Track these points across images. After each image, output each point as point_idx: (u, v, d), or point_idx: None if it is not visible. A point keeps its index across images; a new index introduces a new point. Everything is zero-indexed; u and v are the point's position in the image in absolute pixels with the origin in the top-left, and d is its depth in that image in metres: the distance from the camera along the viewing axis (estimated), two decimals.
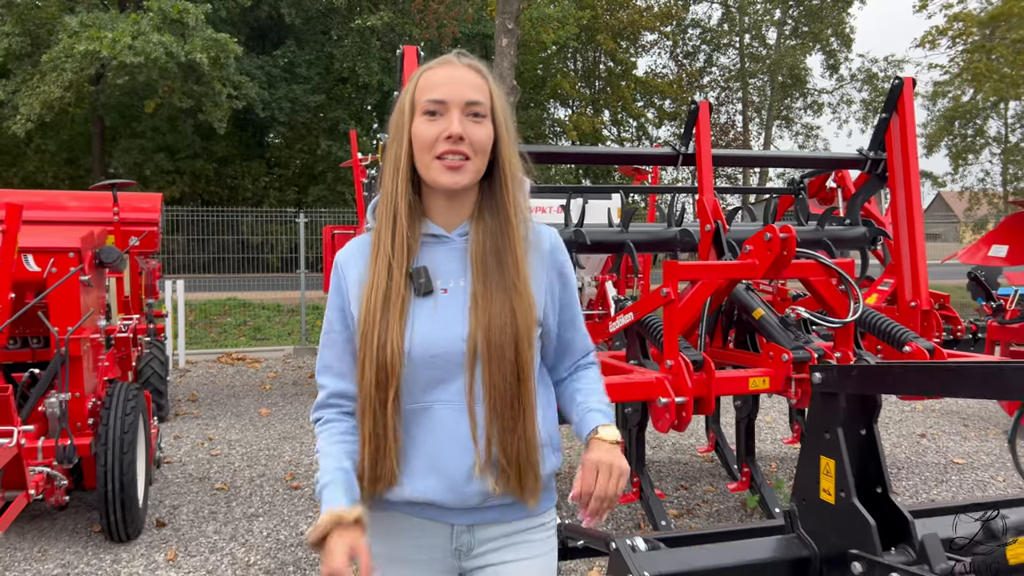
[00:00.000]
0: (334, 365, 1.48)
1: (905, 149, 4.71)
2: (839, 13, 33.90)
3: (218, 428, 6.44)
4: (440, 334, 1.39)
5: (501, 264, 1.42)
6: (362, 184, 6.41)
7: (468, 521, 1.46)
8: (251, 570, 3.73)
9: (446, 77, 1.41)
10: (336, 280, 1.48)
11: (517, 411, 1.40)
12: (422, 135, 1.38)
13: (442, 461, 1.41)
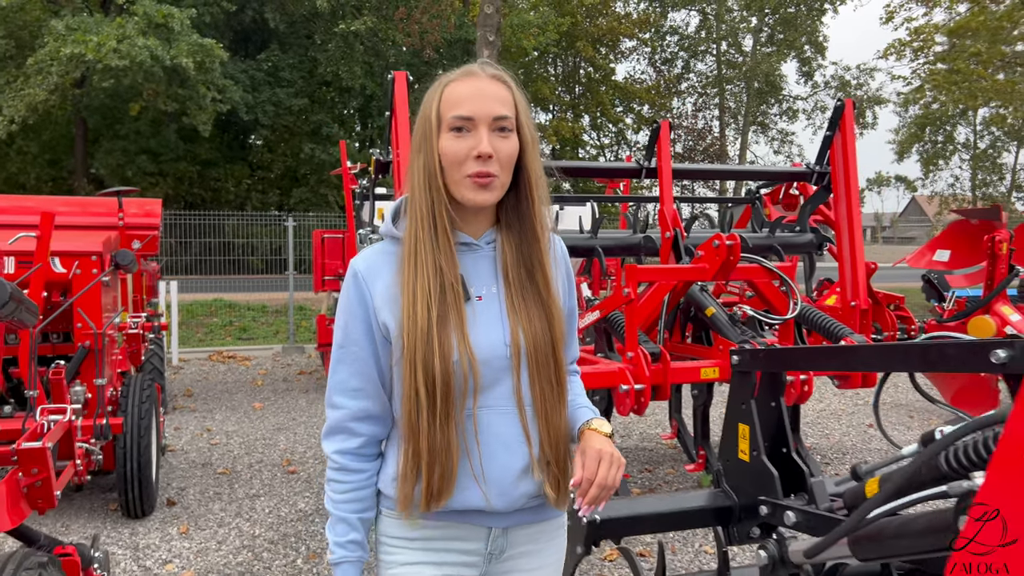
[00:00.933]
0: (351, 383, 1.44)
1: (846, 164, 5.22)
2: (813, 22, 34.73)
3: (215, 420, 6.84)
4: (483, 340, 1.40)
5: (532, 274, 1.45)
6: (352, 192, 6.83)
7: (506, 524, 1.47)
8: (256, 540, 4.16)
9: (472, 91, 1.38)
10: (357, 292, 1.43)
11: (560, 413, 1.45)
12: (451, 153, 1.37)
13: (490, 467, 1.41)
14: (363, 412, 1.44)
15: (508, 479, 1.41)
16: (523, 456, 1.42)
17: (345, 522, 1.44)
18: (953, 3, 19.19)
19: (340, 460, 1.45)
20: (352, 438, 1.45)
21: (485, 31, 12.26)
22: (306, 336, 12.01)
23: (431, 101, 1.42)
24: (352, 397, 1.44)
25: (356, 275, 1.44)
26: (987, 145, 36.71)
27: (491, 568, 1.51)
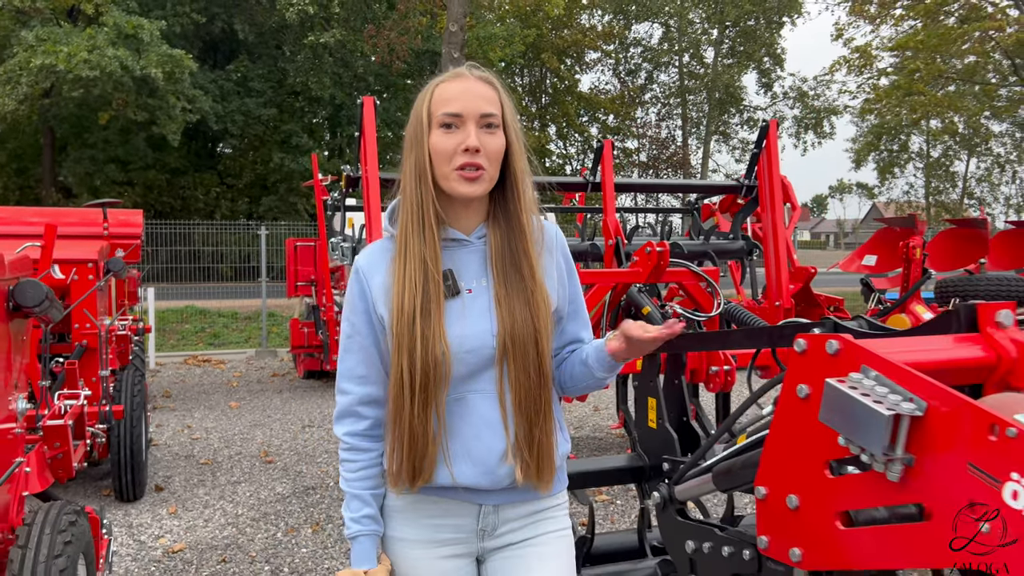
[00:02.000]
0: (357, 370, 1.54)
1: (771, 178, 5.81)
2: (771, 35, 35.81)
3: (194, 418, 7.25)
4: (471, 331, 1.48)
5: (518, 267, 1.52)
6: (323, 203, 7.29)
7: (495, 501, 1.55)
8: (239, 519, 4.62)
9: (460, 91, 1.47)
10: (359, 286, 1.54)
11: (540, 406, 1.51)
12: (440, 148, 1.45)
13: (477, 447, 1.49)
14: (368, 397, 1.54)
15: (493, 459, 1.49)
16: (503, 439, 1.50)
17: (359, 498, 1.53)
18: (898, 21, 20.15)
19: (351, 441, 1.55)
20: (360, 421, 1.55)
21: (450, 48, 12.77)
22: (278, 341, 12.40)
23: (422, 101, 1.51)
24: (359, 383, 1.54)
25: (358, 271, 1.55)
26: (940, 154, 38.12)
27: (486, 544, 1.58)
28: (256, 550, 4.15)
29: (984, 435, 1.32)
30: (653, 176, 33.86)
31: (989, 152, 36.67)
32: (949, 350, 1.77)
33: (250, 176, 26.99)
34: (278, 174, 25.77)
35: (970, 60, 20.07)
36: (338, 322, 7.94)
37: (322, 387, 8.87)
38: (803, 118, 37.00)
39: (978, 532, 1.33)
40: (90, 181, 24.09)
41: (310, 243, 9.22)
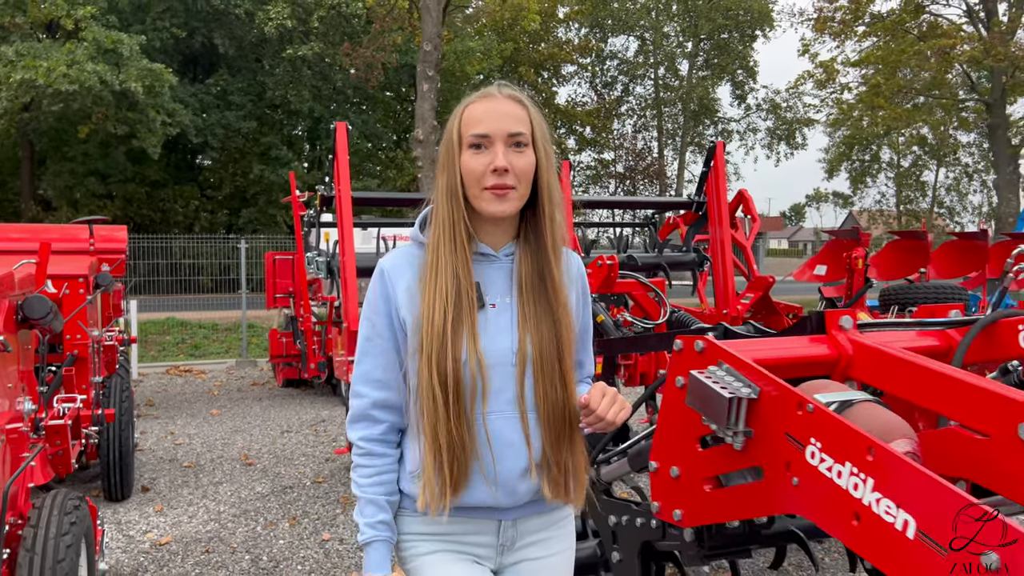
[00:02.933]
0: (374, 373, 1.55)
1: (718, 195, 6.25)
2: (745, 48, 36.57)
3: (177, 425, 7.57)
4: (492, 346, 1.49)
5: (544, 286, 1.53)
6: (300, 218, 7.63)
7: (515, 516, 1.58)
8: (222, 515, 4.95)
9: (488, 111, 1.49)
10: (383, 288, 1.54)
11: (566, 419, 1.53)
12: (470, 168, 1.49)
13: (499, 469, 1.50)
14: (383, 401, 1.55)
15: (514, 479, 1.52)
16: (525, 458, 1.52)
17: (373, 503, 1.54)
18: (862, 38, 20.84)
19: (365, 446, 1.56)
20: (375, 425, 1.56)
21: (425, 66, 13.16)
22: (257, 352, 12.69)
23: (453, 123, 1.54)
24: (375, 387, 1.55)
25: (383, 273, 1.56)
26: (910, 164, 39.01)
27: (504, 559, 1.61)
28: (237, 542, 4.49)
29: (794, 411, 1.73)
30: (630, 186, 34.46)
31: (957, 162, 37.54)
32: (800, 348, 2.18)
33: (230, 188, 27.21)
34: (258, 186, 26.03)
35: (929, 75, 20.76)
36: (316, 332, 8.30)
37: (300, 395, 9.19)
38: (776, 129, 37.78)
39: (791, 484, 1.74)
40: (70, 194, 24.24)
41: (288, 256, 9.56)
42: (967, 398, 1.78)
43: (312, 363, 8.45)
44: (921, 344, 2.32)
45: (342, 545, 4.45)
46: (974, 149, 36.16)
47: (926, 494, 1.40)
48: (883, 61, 18.58)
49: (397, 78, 27.73)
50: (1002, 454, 1.68)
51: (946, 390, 1.84)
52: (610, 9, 35.07)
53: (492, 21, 27.79)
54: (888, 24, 19.08)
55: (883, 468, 1.52)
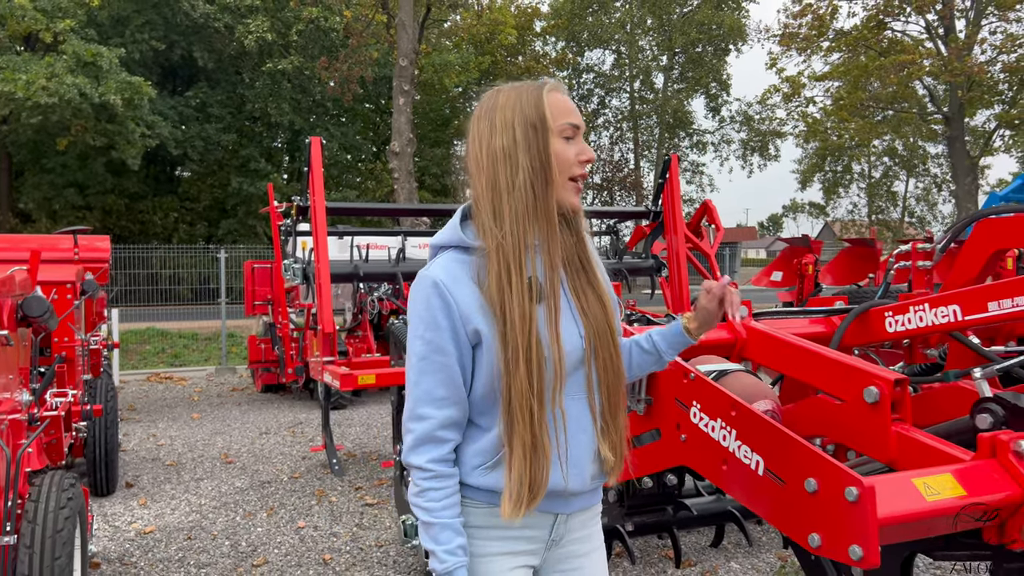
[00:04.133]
0: (437, 392, 1.46)
1: (674, 205, 6.64)
2: (718, 61, 37.26)
3: (158, 428, 7.83)
4: (565, 334, 1.48)
5: (585, 270, 1.56)
6: (278, 228, 7.93)
7: (571, 509, 1.57)
8: (203, 508, 5.25)
9: (570, 104, 1.52)
10: (441, 301, 1.45)
11: (619, 401, 1.56)
12: (565, 156, 1.48)
13: (573, 448, 1.50)
14: (449, 420, 1.47)
15: (585, 461, 1.52)
16: (593, 437, 1.53)
17: (450, 528, 1.46)
18: (827, 53, 21.49)
19: (435, 468, 1.47)
20: (441, 446, 1.48)
21: (400, 81, 13.52)
22: (237, 360, 12.92)
23: (532, 106, 1.48)
24: (439, 407, 1.46)
25: (438, 285, 1.46)
26: (881, 175, 39.82)
27: (549, 555, 1.59)
28: (218, 530, 4.79)
29: (681, 379, 2.10)
30: (608, 197, 34.97)
31: (926, 172, 38.35)
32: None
33: (208, 200, 27.39)
34: (237, 198, 26.23)
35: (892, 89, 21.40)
36: (293, 338, 8.60)
37: (278, 399, 9.47)
38: (749, 141, 38.46)
39: (680, 440, 2.11)
40: (49, 206, 24.33)
41: (267, 265, 9.86)
42: (829, 371, 2.16)
43: (290, 368, 8.74)
44: (811, 330, 2.70)
45: (316, 532, 4.75)
46: (942, 160, 37.02)
47: (770, 440, 1.76)
48: (846, 75, 19.21)
49: (376, 91, 28.09)
50: (853, 415, 2.06)
51: (814, 365, 2.22)
52: (586, 23, 35.68)
53: (469, 35, 28.23)
54: (851, 39, 19.73)
55: (742, 421, 1.89)
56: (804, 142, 33.33)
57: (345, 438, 7.34)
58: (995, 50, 20.24)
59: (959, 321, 2.22)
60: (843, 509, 1.54)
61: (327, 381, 5.51)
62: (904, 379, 1.95)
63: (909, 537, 1.74)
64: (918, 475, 1.68)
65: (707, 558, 4.23)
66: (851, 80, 19.74)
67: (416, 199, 15.67)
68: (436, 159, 31.38)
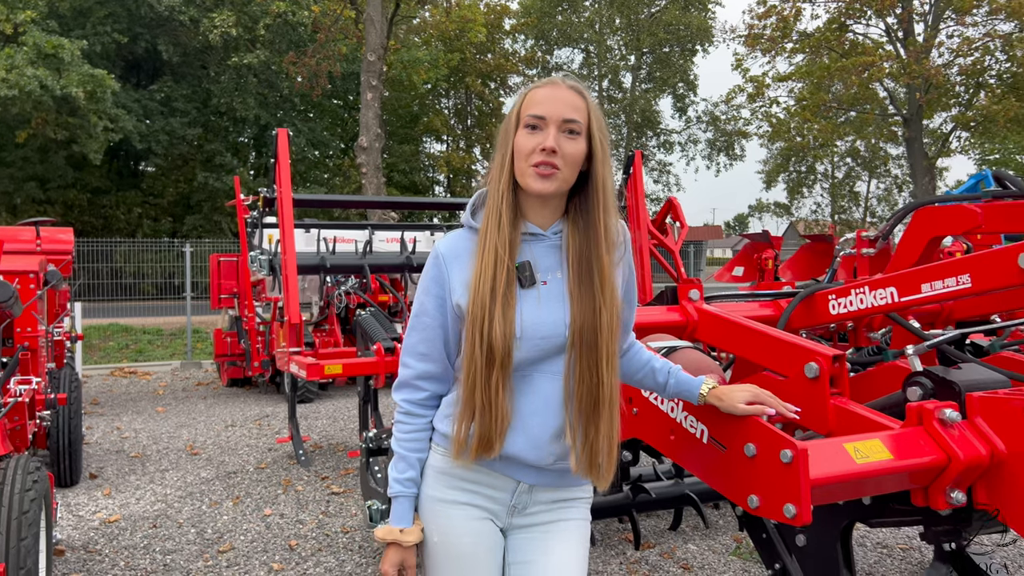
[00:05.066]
0: (419, 347, 1.65)
1: (637, 200, 6.78)
2: (685, 62, 37.67)
3: (123, 421, 7.78)
4: (546, 319, 1.57)
5: (591, 270, 1.59)
6: (244, 221, 7.93)
7: (533, 480, 1.66)
8: (168, 497, 5.26)
9: (548, 96, 1.58)
10: (436, 271, 1.64)
11: (600, 404, 1.59)
12: (521, 146, 1.57)
13: (532, 421, 1.59)
14: (426, 373, 1.66)
15: (545, 436, 1.60)
16: (562, 419, 1.60)
17: (405, 460, 1.67)
18: (791, 54, 21.88)
19: (406, 407, 1.69)
20: (416, 391, 1.68)
21: (369, 76, 13.52)
22: (203, 356, 12.84)
23: (515, 105, 1.64)
24: (418, 360, 1.66)
25: (438, 256, 1.65)
26: (843, 175, 40.53)
27: (513, 521, 1.70)
28: (183, 518, 4.81)
29: None
30: None
31: (887, 173, 39.12)
32: (659, 315, 2.66)
33: (173, 195, 27.06)
34: (202, 193, 25.95)
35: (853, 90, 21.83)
36: (259, 331, 8.59)
37: (244, 393, 9.45)
38: (715, 141, 38.93)
39: (633, 415, 2.21)
40: (8, 199, 23.87)
41: (233, 258, 9.83)
42: (773, 349, 2.27)
43: (256, 361, 8.73)
44: (761, 313, 2.82)
45: (282, 519, 4.80)
46: (902, 161, 37.75)
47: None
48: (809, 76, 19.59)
49: (344, 86, 27.94)
50: (795, 390, 2.17)
51: (760, 344, 2.33)
52: (555, 22, 35.84)
53: (438, 32, 28.20)
54: (814, 41, 20.12)
55: None
56: (769, 142, 33.86)
57: (312, 430, 7.37)
58: (952, 53, 20.78)
59: (895, 303, 2.35)
60: (778, 471, 1.65)
61: (293, 372, 5.54)
62: (842, 355, 2.07)
63: (840, 498, 1.86)
64: (849, 440, 1.79)
65: (665, 540, 4.35)
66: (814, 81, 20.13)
67: (384, 195, 15.68)
68: (405, 156, 31.31)
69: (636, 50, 37.10)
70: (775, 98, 23.53)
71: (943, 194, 8.55)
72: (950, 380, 1.96)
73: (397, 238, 7.90)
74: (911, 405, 1.88)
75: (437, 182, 35.48)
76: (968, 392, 1.90)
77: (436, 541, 1.67)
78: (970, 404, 1.87)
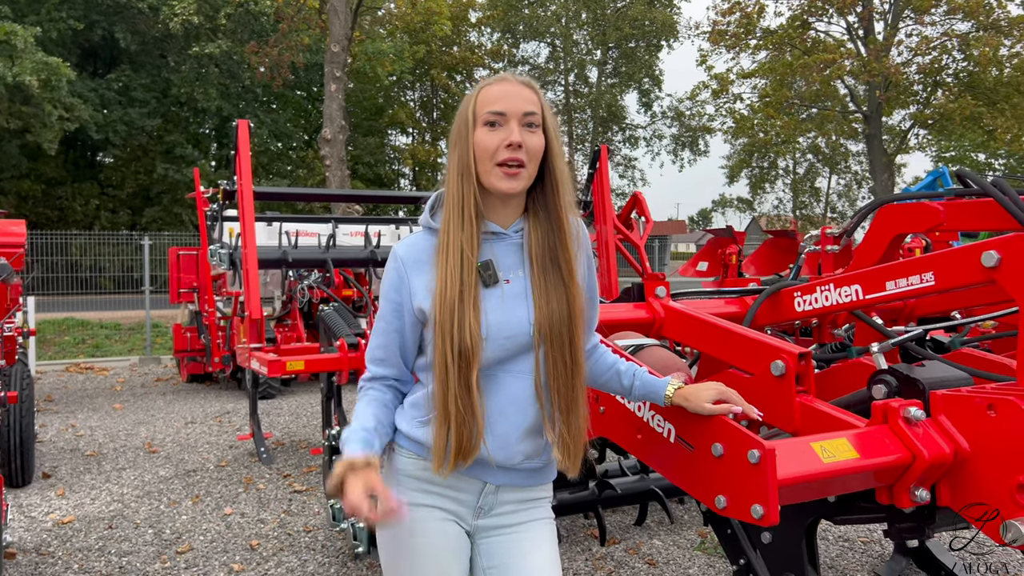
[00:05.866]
0: (376, 352, 1.67)
1: (604, 195, 6.76)
2: (650, 57, 37.85)
3: (78, 419, 7.59)
4: (510, 318, 1.56)
5: (555, 262, 1.59)
6: (204, 214, 7.77)
7: (499, 481, 1.64)
8: (125, 497, 5.13)
9: (504, 92, 1.56)
10: (396, 276, 1.62)
11: (574, 392, 1.60)
12: (484, 143, 1.54)
13: (499, 420, 1.58)
14: (383, 375, 1.67)
15: (513, 435, 1.59)
16: (532, 416, 1.60)
17: (358, 418, 1.62)
18: (755, 51, 22.10)
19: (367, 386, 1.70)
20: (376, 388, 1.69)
21: (333, 67, 13.34)
22: (162, 351, 12.60)
23: (468, 103, 1.59)
24: (377, 364, 1.67)
25: (396, 260, 1.63)
26: (804, 171, 41.14)
27: (479, 523, 1.68)
28: (140, 519, 4.70)
29: None
30: None
31: (848, 170, 39.78)
32: (625, 312, 2.64)
33: (132, 187, 26.50)
34: (162, 185, 25.47)
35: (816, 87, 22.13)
36: (220, 326, 8.44)
37: (205, 389, 9.29)
38: (680, 136, 39.20)
39: (599, 413, 2.18)
40: None
41: (192, 252, 9.64)
42: (740, 346, 2.26)
43: (216, 357, 8.58)
44: (726, 310, 2.81)
45: (243, 518, 4.71)
46: (862, 157, 38.41)
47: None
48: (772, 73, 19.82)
49: (308, 77, 27.58)
50: (761, 388, 2.16)
51: (726, 342, 2.32)
52: (521, 15, 35.74)
53: (404, 24, 27.95)
54: (777, 38, 20.34)
55: None
56: (732, 138, 34.20)
57: (274, 427, 7.27)
58: (911, 52, 21.14)
59: (860, 300, 2.35)
60: (746, 471, 1.64)
61: (254, 368, 5.44)
62: (808, 352, 2.06)
63: (806, 497, 1.85)
64: (816, 439, 1.78)
65: (631, 536, 4.35)
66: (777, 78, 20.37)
67: (349, 187, 15.50)
68: (369, 148, 31.02)
69: (602, 45, 37.18)
70: (739, 94, 23.80)
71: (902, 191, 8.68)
72: (914, 378, 1.97)
73: (361, 231, 7.78)
74: (876, 403, 1.88)
75: (402, 175, 35.24)
76: (932, 390, 1.91)
77: (403, 543, 1.64)
78: (934, 402, 1.88)
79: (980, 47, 18.72)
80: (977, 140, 32.73)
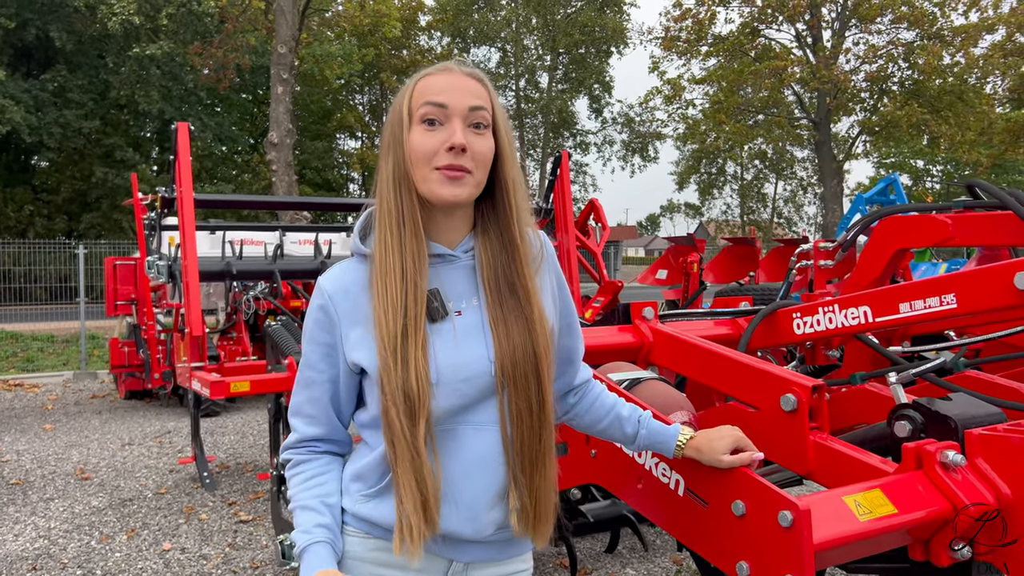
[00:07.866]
0: (305, 409, 1.37)
1: (564, 201, 6.55)
2: (601, 63, 38.02)
3: (3, 442, 7.06)
4: (466, 358, 1.28)
5: (512, 286, 1.32)
6: (143, 222, 7.32)
7: (469, 558, 1.36)
8: (52, 532, 4.70)
9: (446, 83, 1.29)
10: (322, 315, 1.34)
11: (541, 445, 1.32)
12: (420, 146, 1.27)
13: (464, 487, 1.29)
14: (315, 437, 1.38)
15: (482, 502, 1.30)
16: (501, 478, 1.31)
17: (308, 509, 1.34)
18: (705, 57, 22.23)
19: (295, 457, 1.40)
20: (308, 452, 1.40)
21: (279, 69, 12.91)
22: (99, 364, 11.98)
23: (402, 97, 1.32)
24: (306, 423, 1.38)
25: (323, 294, 1.34)
26: (752, 177, 41.82)
27: None
28: (68, 558, 4.28)
29: None
30: None
31: (794, 176, 40.54)
32: (609, 337, 2.38)
33: (69, 192, 25.49)
34: (100, 189, 24.55)
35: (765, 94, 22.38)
36: (160, 340, 7.99)
37: (144, 407, 8.79)
38: (630, 142, 39.44)
39: (590, 456, 1.92)
40: None
41: (130, 261, 9.14)
42: (741, 377, 2.02)
43: (156, 373, 8.11)
44: (717, 332, 2.58)
45: (183, 554, 4.33)
46: (808, 164, 39.16)
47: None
48: (723, 79, 19.95)
49: (253, 80, 26.91)
50: (769, 424, 1.92)
51: (725, 370, 2.08)
52: (471, 20, 35.53)
53: (352, 26, 27.46)
54: (728, 44, 20.48)
55: None
56: (682, 144, 34.50)
57: (218, 448, 6.85)
58: (858, 60, 21.48)
59: (870, 323, 2.15)
60: (775, 535, 1.40)
61: (196, 389, 5.07)
62: (821, 385, 1.84)
63: (839, 561, 1.62)
64: (847, 492, 1.55)
65: (603, 564, 4.12)
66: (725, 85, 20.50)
67: (296, 193, 15.03)
68: (317, 152, 30.46)
69: (552, 50, 37.19)
70: (691, 100, 23.96)
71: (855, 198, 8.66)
72: (944, 415, 1.76)
73: (311, 240, 7.46)
74: (908, 446, 1.66)
75: (352, 179, 34.71)
76: (966, 428, 1.70)
77: None
78: (969, 443, 1.67)
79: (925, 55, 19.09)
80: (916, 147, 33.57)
